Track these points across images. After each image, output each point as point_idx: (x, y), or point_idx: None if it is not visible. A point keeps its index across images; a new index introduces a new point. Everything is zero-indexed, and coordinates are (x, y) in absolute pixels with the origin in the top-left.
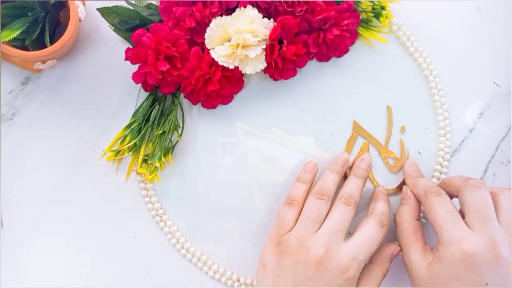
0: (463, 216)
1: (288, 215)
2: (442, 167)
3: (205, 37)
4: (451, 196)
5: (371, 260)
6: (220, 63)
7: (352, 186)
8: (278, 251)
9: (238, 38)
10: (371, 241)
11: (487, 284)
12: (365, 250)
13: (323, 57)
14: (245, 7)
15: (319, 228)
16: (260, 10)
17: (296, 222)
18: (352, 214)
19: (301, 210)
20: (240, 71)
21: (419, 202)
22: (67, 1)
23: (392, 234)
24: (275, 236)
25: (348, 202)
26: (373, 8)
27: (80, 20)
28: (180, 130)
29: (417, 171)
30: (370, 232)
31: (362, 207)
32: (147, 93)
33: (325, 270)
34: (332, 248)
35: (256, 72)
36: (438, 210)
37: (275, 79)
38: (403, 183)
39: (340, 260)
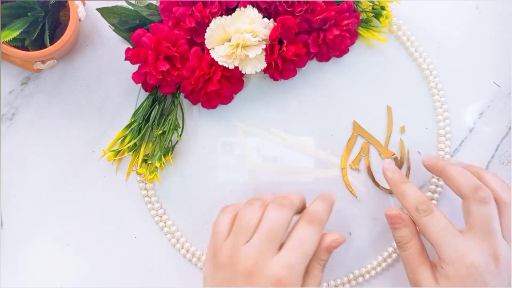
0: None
1: (222, 223)
2: None
3: (205, 37)
4: (453, 191)
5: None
6: (220, 63)
7: (291, 193)
8: (214, 263)
9: (238, 38)
10: (302, 242)
11: None
12: (296, 253)
13: (323, 57)
14: (245, 7)
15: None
16: (260, 10)
17: (230, 230)
18: (287, 218)
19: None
20: (240, 71)
21: (411, 219)
22: (67, 1)
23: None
24: (211, 246)
25: (282, 203)
26: (373, 8)
27: (80, 20)
28: (180, 130)
29: (399, 174)
30: (299, 232)
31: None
32: (147, 93)
33: (255, 284)
34: (262, 259)
35: (256, 72)
36: (433, 229)
37: (275, 79)
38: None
39: (270, 270)
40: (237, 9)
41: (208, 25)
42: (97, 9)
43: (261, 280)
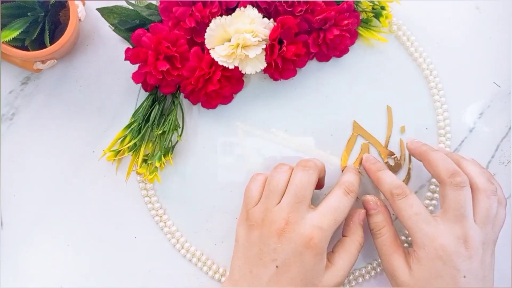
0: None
1: (253, 189)
2: None
3: (205, 37)
4: (432, 175)
5: (343, 233)
6: (220, 63)
7: (309, 159)
8: (247, 225)
9: (238, 38)
10: (335, 208)
11: (464, 276)
12: (328, 218)
13: (323, 57)
14: (245, 7)
15: (281, 199)
16: (260, 10)
17: (260, 195)
18: (312, 179)
19: (265, 183)
20: (240, 71)
21: (386, 206)
22: (67, 1)
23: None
24: (244, 211)
25: (307, 165)
26: (373, 8)
27: (80, 20)
28: (180, 130)
29: (376, 163)
30: (333, 200)
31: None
32: (147, 93)
33: (287, 241)
34: (294, 219)
35: (256, 72)
36: (406, 213)
37: (275, 79)
38: (405, 181)
39: (302, 229)
40: (237, 9)
41: (208, 25)
42: (97, 9)
43: (293, 238)
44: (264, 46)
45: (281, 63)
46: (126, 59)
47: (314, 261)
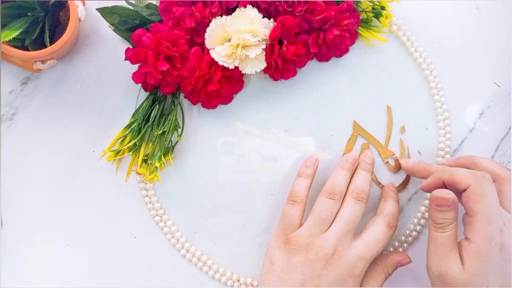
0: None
1: (293, 213)
2: None
3: (205, 37)
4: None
5: (375, 261)
6: (220, 63)
7: (362, 180)
8: (287, 249)
9: (238, 38)
10: (378, 242)
11: None
12: (372, 250)
13: (323, 57)
14: (245, 7)
15: (329, 227)
16: (260, 10)
17: (301, 219)
18: (362, 211)
19: (305, 206)
20: (240, 71)
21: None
22: (67, 1)
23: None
24: (282, 234)
25: (359, 197)
26: (373, 8)
27: (80, 20)
28: (180, 130)
29: (428, 165)
30: (378, 232)
31: (370, 207)
32: (147, 93)
33: (333, 268)
34: (342, 247)
35: (256, 72)
36: (489, 201)
37: (275, 79)
38: (406, 181)
39: (348, 258)
40: (237, 9)
41: (208, 25)
42: (97, 9)
43: (339, 266)
44: (264, 46)
45: (281, 63)
46: (126, 59)
47: (353, 287)
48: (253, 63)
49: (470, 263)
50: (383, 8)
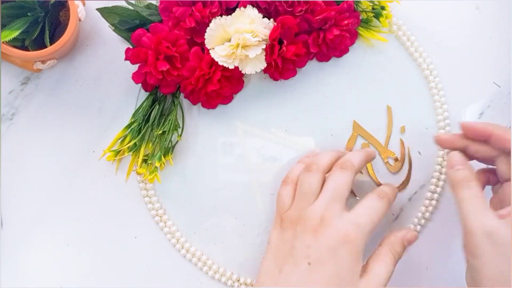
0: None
1: (285, 194)
2: (442, 167)
3: (205, 37)
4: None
5: (380, 242)
6: (220, 63)
7: (350, 154)
8: (282, 228)
9: (238, 38)
10: (370, 209)
11: None
12: (365, 218)
13: (323, 57)
14: (245, 7)
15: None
16: (260, 10)
17: (293, 199)
18: (349, 179)
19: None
20: (240, 71)
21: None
22: (67, 1)
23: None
24: (277, 216)
25: (344, 165)
26: (373, 8)
27: (80, 20)
28: (180, 130)
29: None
30: (368, 202)
31: None
32: (147, 93)
33: (322, 237)
34: (329, 215)
35: (256, 72)
36: None
37: (275, 79)
38: (406, 181)
39: (338, 225)
40: (237, 9)
41: (208, 25)
42: (97, 9)
43: (328, 233)
44: (264, 46)
45: (281, 63)
46: (126, 59)
47: (349, 259)
48: (253, 63)
49: None
50: (383, 8)
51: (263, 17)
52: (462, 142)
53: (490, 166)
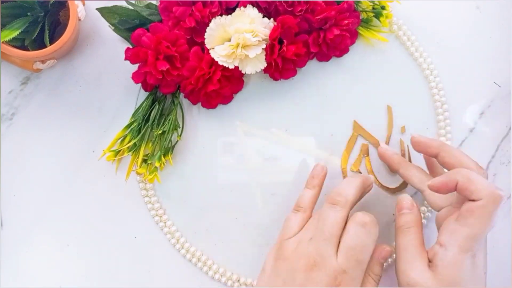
0: None
1: (293, 220)
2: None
3: (205, 37)
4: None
5: None
6: (220, 63)
7: (344, 184)
8: (277, 255)
9: (238, 37)
10: (353, 248)
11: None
12: (352, 261)
13: (323, 57)
14: (245, 6)
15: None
16: (260, 9)
17: (300, 228)
18: (340, 215)
19: (308, 215)
20: (240, 71)
21: (419, 210)
22: (66, 1)
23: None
24: (279, 240)
25: (334, 200)
26: (373, 8)
27: (79, 20)
28: (180, 130)
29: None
30: (350, 237)
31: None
32: (147, 93)
33: (313, 280)
34: (320, 257)
35: (256, 72)
36: (490, 224)
37: (275, 79)
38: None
39: (328, 271)
40: (237, 9)
41: (208, 25)
42: (97, 9)
43: (318, 278)
44: (264, 46)
45: (281, 63)
46: (126, 59)
47: None
48: (253, 63)
49: (444, 272)
50: (383, 8)
51: (263, 17)
52: (436, 150)
53: None
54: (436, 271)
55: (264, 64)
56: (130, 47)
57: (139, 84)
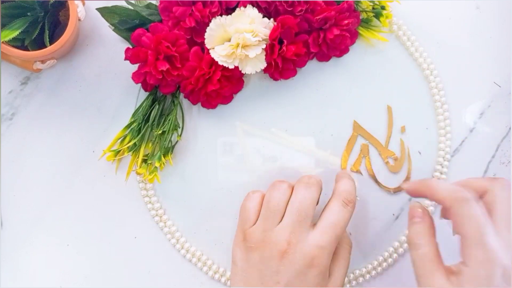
0: None
1: (250, 208)
2: (442, 167)
3: (205, 37)
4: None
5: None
6: (220, 63)
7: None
8: (245, 247)
9: (238, 37)
10: (335, 224)
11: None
12: (329, 235)
13: (323, 57)
14: (245, 6)
15: (281, 219)
16: (260, 9)
17: (257, 214)
18: (315, 196)
19: (262, 200)
20: (240, 71)
21: (432, 217)
22: (66, 1)
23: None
24: (240, 231)
25: (309, 182)
26: (373, 8)
27: (79, 20)
28: (180, 130)
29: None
30: (333, 214)
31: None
32: (147, 93)
33: (290, 263)
34: (296, 239)
35: (256, 72)
36: (474, 224)
37: (275, 79)
38: (406, 181)
39: (305, 250)
40: (237, 9)
41: (208, 25)
42: (96, 9)
43: (296, 259)
44: (264, 46)
45: (281, 63)
46: (126, 59)
47: (317, 279)
48: (253, 63)
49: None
50: (383, 8)
51: (263, 17)
52: (428, 190)
53: None
54: (460, 284)
55: (264, 64)
56: (130, 47)
57: (139, 84)
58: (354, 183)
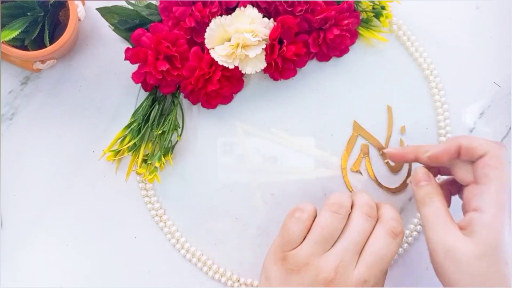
0: None
1: (296, 230)
2: None
3: (205, 37)
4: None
5: None
6: (220, 63)
7: (371, 198)
8: (284, 268)
9: (238, 37)
10: (382, 258)
11: None
12: (376, 271)
13: (323, 57)
14: (245, 6)
15: (331, 247)
16: (260, 9)
17: (303, 238)
18: (371, 229)
19: (311, 223)
20: (240, 71)
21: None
22: (66, 1)
23: None
24: (279, 251)
25: (370, 213)
26: (373, 8)
27: (79, 20)
28: (180, 130)
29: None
30: (382, 249)
31: None
32: (147, 93)
33: None
34: (343, 270)
35: (256, 72)
36: (506, 168)
37: (275, 79)
38: (405, 181)
39: (349, 283)
40: (237, 9)
41: (208, 25)
42: (96, 9)
43: None
44: (264, 46)
45: (281, 63)
46: (126, 59)
47: None
48: (253, 63)
49: (482, 234)
50: (383, 8)
51: (263, 17)
52: (412, 155)
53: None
54: (474, 235)
55: (264, 64)
56: (130, 47)
57: (139, 84)
58: (396, 211)
